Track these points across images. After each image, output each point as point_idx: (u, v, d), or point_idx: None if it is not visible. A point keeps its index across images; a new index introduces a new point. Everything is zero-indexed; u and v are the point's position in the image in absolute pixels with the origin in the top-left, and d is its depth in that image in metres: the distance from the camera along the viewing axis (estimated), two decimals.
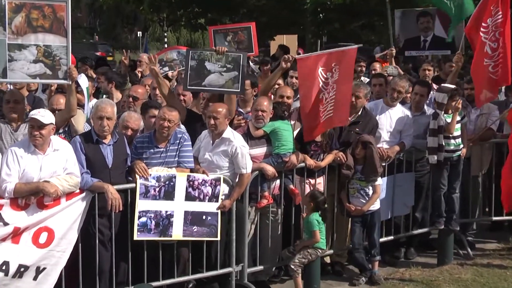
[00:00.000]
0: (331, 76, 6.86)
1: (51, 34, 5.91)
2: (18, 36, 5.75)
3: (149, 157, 6.29)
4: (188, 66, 6.84)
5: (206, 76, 6.84)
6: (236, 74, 6.86)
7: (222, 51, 6.86)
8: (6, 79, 5.58)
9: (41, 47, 5.86)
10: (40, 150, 5.59)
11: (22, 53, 5.73)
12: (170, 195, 6.20)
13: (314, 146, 7.07)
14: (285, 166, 6.80)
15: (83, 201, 5.80)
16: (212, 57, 6.86)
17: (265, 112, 6.77)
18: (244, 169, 6.49)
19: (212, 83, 6.85)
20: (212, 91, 7.03)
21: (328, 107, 6.88)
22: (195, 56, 6.87)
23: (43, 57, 5.84)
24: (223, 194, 6.47)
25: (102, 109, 6.01)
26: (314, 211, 6.75)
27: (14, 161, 5.47)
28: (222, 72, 6.85)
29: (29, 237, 5.52)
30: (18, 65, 5.69)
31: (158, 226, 6.15)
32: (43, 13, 5.87)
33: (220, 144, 6.50)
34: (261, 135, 6.82)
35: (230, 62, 6.87)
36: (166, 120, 6.24)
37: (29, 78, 5.75)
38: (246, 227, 6.75)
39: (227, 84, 6.86)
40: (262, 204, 6.78)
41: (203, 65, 6.85)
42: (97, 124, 6.04)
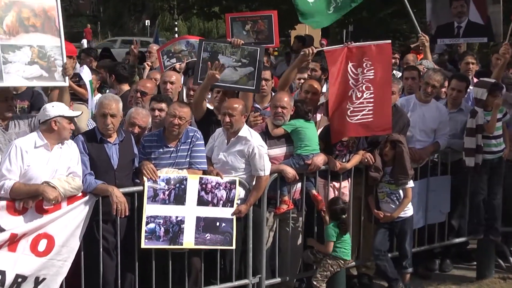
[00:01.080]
0: (362, 72, 6.82)
1: (43, 34, 5.97)
2: (11, 36, 5.79)
3: (158, 157, 6.29)
4: (200, 58, 6.82)
5: None
6: (251, 70, 6.85)
7: (237, 44, 6.84)
8: (2, 82, 5.62)
9: (35, 48, 5.91)
10: (51, 145, 5.67)
11: (16, 54, 5.77)
12: (180, 199, 6.20)
13: (339, 146, 7.04)
14: (307, 168, 6.77)
15: (86, 205, 5.82)
16: (226, 49, 6.85)
17: (285, 108, 6.74)
18: (262, 171, 6.47)
19: (225, 79, 6.84)
20: (224, 87, 7.02)
21: (365, 111, 6.83)
22: (208, 48, 6.85)
23: (38, 59, 5.90)
24: (238, 199, 6.46)
25: (106, 106, 6.02)
26: (333, 220, 6.72)
27: (17, 156, 5.51)
28: (236, 67, 6.84)
29: (27, 244, 5.54)
30: (14, 68, 5.74)
31: (167, 233, 6.15)
32: (34, 12, 5.93)
33: (236, 144, 6.48)
34: (281, 134, 6.80)
35: (246, 57, 6.85)
36: (177, 117, 6.24)
37: (26, 81, 5.79)
38: (264, 235, 6.73)
39: (242, 81, 6.85)
40: (282, 210, 6.76)
41: (216, 58, 6.84)
42: (101, 122, 6.05)
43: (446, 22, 10.75)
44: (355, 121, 6.86)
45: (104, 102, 6.08)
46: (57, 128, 5.68)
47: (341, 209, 6.76)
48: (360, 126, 6.89)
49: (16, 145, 5.55)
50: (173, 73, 8.17)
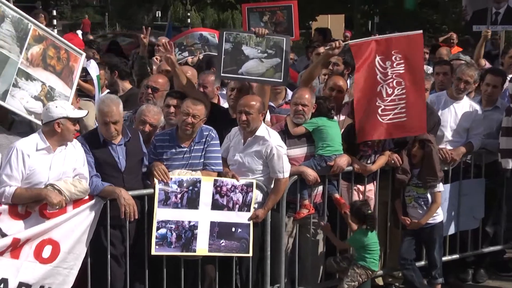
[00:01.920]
0: (391, 66, 6.78)
1: (58, 78, 6.24)
2: (30, 66, 6.00)
3: (170, 157, 6.31)
4: (222, 50, 6.81)
5: (244, 62, 6.81)
6: (278, 62, 6.82)
7: (262, 34, 6.83)
8: (4, 102, 5.78)
9: (46, 87, 6.11)
10: (53, 147, 5.68)
11: (28, 83, 5.95)
12: (194, 202, 6.21)
13: (363, 146, 7.01)
14: (330, 170, 6.76)
15: (92, 209, 5.84)
16: (250, 40, 6.82)
17: (306, 106, 6.73)
18: (280, 173, 6.47)
19: (250, 71, 6.82)
20: (250, 81, 7.00)
21: (397, 109, 6.78)
22: (231, 39, 6.83)
23: (44, 97, 6.06)
24: (256, 202, 6.46)
25: (106, 114, 5.98)
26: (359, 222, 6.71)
27: (18, 160, 5.52)
28: (262, 59, 6.82)
29: (30, 250, 5.56)
30: (20, 94, 5.89)
31: (179, 239, 6.16)
32: (58, 56, 6.28)
33: (253, 144, 6.48)
34: (302, 133, 6.79)
35: (272, 47, 6.83)
36: (190, 115, 6.24)
37: (24, 112, 5.93)
38: (283, 241, 6.72)
39: (268, 73, 6.83)
40: (302, 215, 6.75)
41: (240, 49, 6.82)
42: (103, 130, 6.04)
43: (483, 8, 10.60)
44: (387, 121, 6.80)
45: (104, 110, 5.99)
46: (61, 130, 5.66)
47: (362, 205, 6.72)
48: (393, 127, 6.83)
49: (17, 148, 5.55)
50: (189, 67, 8.18)
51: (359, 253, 6.74)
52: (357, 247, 6.76)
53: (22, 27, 5.96)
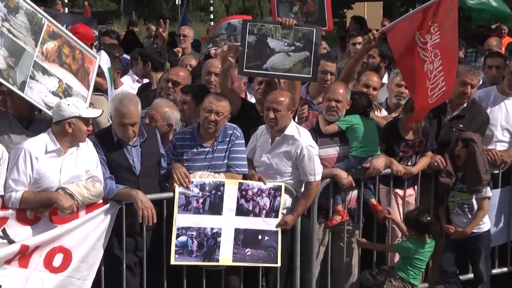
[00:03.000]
0: (430, 38, 6.71)
1: (75, 78, 6.33)
2: (46, 60, 6.09)
3: (191, 158, 6.32)
4: (246, 43, 6.80)
5: (269, 57, 6.79)
6: (307, 55, 6.80)
7: (290, 25, 6.81)
8: (23, 93, 5.86)
9: (63, 84, 6.20)
10: (64, 149, 5.70)
11: (45, 78, 6.04)
12: (217, 208, 6.22)
13: (403, 147, 6.97)
14: (366, 172, 6.73)
15: (107, 214, 5.88)
16: (276, 32, 6.81)
17: (340, 102, 6.70)
18: (312, 175, 6.45)
19: (276, 66, 6.81)
20: (276, 77, 6.99)
21: (440, 82, 6.73)
22: (255, 30, 6.83)
23: (62, 94, 6.14)
24: (284, 208, 6.45)
25: (124, 115, 5.97)
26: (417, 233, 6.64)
27: (26, 163, 5.54)
28: (289, 52, 6.80)
29: (40, 259, 5.60)
30: (38, 87, 5.97)
31: (201, 247, 6.18)
32: (74, 55, 6.42)
33: (282, 143, 6.47)
34: (335, 131, 6.77)
35: (300, 39, 6.81)
36: (213, 112, 6.24)
37: (43, 105, 6.01)
38: (314, 250, 6.72)
39: (296, 68, 6.81)
40: (335, 222, 6.73)
41: (265, 42, 6.81)
42: (119, 131, 6.04)
43: None
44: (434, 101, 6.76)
45: (122, 111, 5.98)
46: (72, 130, 5.67)
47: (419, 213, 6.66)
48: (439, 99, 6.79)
49: (25, 150, 5.57)
50: (218, 62, 8.19)
51: (403, 262, 6.69)
52: (403, 255, 6.70)
53: (36, 20, 6.04)
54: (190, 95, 6.90)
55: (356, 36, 10.68)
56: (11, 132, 5.97)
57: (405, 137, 6.97)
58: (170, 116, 6.68)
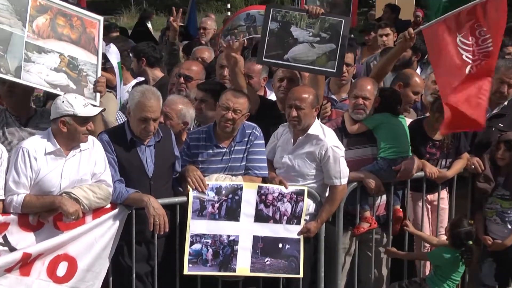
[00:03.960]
0: (476, 43, 6.65)
1: (78, 47, 6.28)
2: (39, 38, 6.07)
3: (207, 160, 6.32)
4: (267, 30, 6.79)
5: (291, 46, 6.77)
6: (333, 48, 6.76)
7: (317, 13, 6.78)
8: (20, 79, 5.87)
9: (65, 57, 6.18)
10: (64, 150, 5.68)
11: (42, 57, 6.03)
12: (234, 213, 6.22)
13: (430, 147, 6.93)
14: (396, 175, 6.70)
15: (115, 220, 5.87)
16: (302, 20, 6.79)
17: (367, 99, 6.68)
18: (337, 178, 6.43)
19: (298, 57, 6.78)
20: (297, 68, 6.97)
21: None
22: (278, 17, 6.80)
23: (66, 68, 6.13)
24: (307, 214, 6.44)
25: (148, 109, 5.96)
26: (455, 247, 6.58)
27: (25, 164, 5.55)
28: (313, 43, 6.77)
29: (43, 267, 5.61)
30: (36, 69, 5.97)
31: (217, 256, 6.18)
32: (71, 23, 6.32)
33: (305, 144, 6.45)
34: (362, 131, 6.75)
35: (327, 30, 6.77)
36: (231, 110, 6.23)
37: (47, 85, 6.00)
38: (339, 260, 6.71)
39: (320, 61, 6.77)
40: (362, 230, 6.71)
41: (288, 30, 6.78)
42: (139, 127, 6.02)
43: None
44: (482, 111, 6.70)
45: (146, 103, 5.97)
46: (67, 130, 5.63)
47: (466, 233, 6.57)
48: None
49: (23, 149, 5.57)
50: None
51: (435, 274, 6.64)
52: (437, 263, 6.65)
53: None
54: (208, 92, 6.88)
55: (384, 27, 10.65)
56: (7, 131, 5.99)
57: (432, 137, 6.94)
58: (185, 114, 6.69)
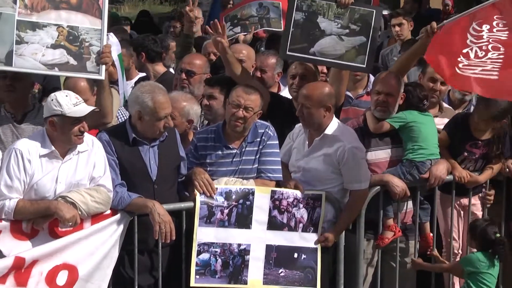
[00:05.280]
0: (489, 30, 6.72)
1: (79, 13, 6.20)
2: (33, 12, 6.05)
3: (216, 162, 6.35)
4: (292, 20, 6.79)
5: (318, 39, 6.80)
6: (363, 41, 6.79)
7: (346, 3, 6.78)
8: (11, 67, 5.87)
9: (64, 29, 6.13)
10: (60, 153, 5.69)
11: (36, 34, 6.01)
12: (245, 220, 6.24)
13: (470, 146, 6.91)
14: (424, 181, 6.70)
15: (117, 226, 5.90)
16: (330, 10, 6.79)
17: (391, 96, 6.68)
18: (358, 183, 6.45)
19: (325, 51, 6.80)
20: (323, 63, 6.99)
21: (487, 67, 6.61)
22: (304, 6, 6.80)
23: (65, 42, 6.10)
24: (325, 221, 6.44)
25: (166, 106, 6.02)
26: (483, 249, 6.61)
27: (18, 167, 5.58)
28: (342, 36, 6.79)
29: (41, 277, 5.64)
30: (30, 50, 5.97)
31: (226, 267, 6.20)
32: None
33: (322, 145, 6.47)
34: (385, 131, 6.76)
35: (357, 22, 6.78)
36: (241, 108, 6.26)
37: (43, 67, 6.01)
38: (361, 272, 6.71)
39: (348, 55, 6.79)
40: (387, 241, 6.72)
41: (315, 21, 6.80)
42: (158, 127, 6.04)
43: None
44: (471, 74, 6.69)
45: (162, 101, 6.03)
46: (56, 130, 5.65)
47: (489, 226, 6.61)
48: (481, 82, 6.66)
49: (16, 151, 5.60)
50: (244, 46, 8.23)
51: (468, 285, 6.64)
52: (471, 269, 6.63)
53: None
54: (217, 88, 6.91)
55: (397, 16, 10.64)
56: (0, 129, 6.04)
57: (477, 136, 6.94)
58: (189, 111, 6.71)
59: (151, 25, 14.34)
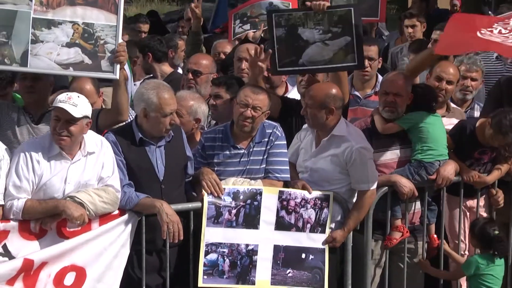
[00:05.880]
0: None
1: (94, 8, 6.16)
2: (49, 9, 6.02)
3: (223, 162, 6.35)
4: (274, 39, 6.80)
5: (303, 50, 6.78)
6: (348, 40, 6.77)
7: (321, 8, 6.77)
8: (26, 67, 5.86)
9: (80, 26, 6.10)
10: (67, 154, 5.71)
11: (51, 32, 5.99)
12: (253, 220, 6.24)
13: (478, 153, 6.90)
14: (433, 182, 6.69)
15: (125, 226, 5.91)
16: (308, 19, 6.80)
17: (400, 96, 6.67)
18: (365, 183, 6.45)
19: (313, 59, 6.78)
20: (315, 71, 6.99)
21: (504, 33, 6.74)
22: (282, 22, 6.80)
23: (80, 40, 6.08)
24: (333, 221, 6.45)
25: (171, 102, 6.02)
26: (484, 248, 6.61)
27: (27, 167, 5.60)
28: (326, 41, 6.79)
29: (49, 279, 5.64)
30: (45, 49, 5.95)
31: (234, 267, 6.20)
32: None
33: (329, 146, 6.47)
34: (394, 131, 6.75)
35: (337, 24, 6.77)
36: (250, 107, 6.26)
37: (58, 67, 5.98)
38: (368, 273, 6.71)
39: (337, 57, 6.78)
40: (395, 241, 6.72)
41: (296, 33, 6.79)
42: (164, 124, 6.04)
43: None
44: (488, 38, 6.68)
45: (168, 97, 6.04)
46: None
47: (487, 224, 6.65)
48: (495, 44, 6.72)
49: (25, 151, 5.63)
50: (252, 46, 8.21)
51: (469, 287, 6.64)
52: (472, 272, 6.64)
53: None
54: (223, 87, 6.92)
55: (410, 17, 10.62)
56: (18, 130, 6.05)
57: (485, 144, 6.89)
58: (197, 110, 6.72)
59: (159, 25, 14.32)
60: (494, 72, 8.66)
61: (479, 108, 7.78)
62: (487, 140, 6.82)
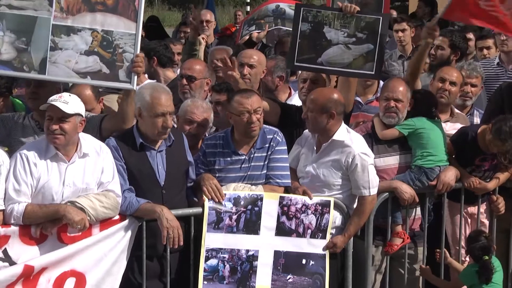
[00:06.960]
0: None
1: (114, 15, 6.16)
2: (69, 15, 6.01)
3: (224, 168, 6.36)
4: (298, 32, 6.82)
5: (325, 49, 6.82)
6: (370, 48, 6.80)
7: (352, 12, 6.81)
8: (45, 75, 5.84)
9: (99, 33, 6.09)
10: (64, 155, 5.73)
11: (71, 39, 5.99)
12: (253, 226, 6.24)
13: (479, 161, 6.90)
14: (434, 188, 6.69)
15: (125, 232, 5.91)
16: (335, 20, 6.81)
17: (400, 102, 6.69)
18: (366, 189, 6.44)
19: (332, 60, 6.82)
20: (332, 72, 7.01)
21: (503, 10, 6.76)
22: (309, 17, 6.83)
23: (99, 48, 6.07)
24: (333, 227, 6.45)
25: (164, 103, 6.00)
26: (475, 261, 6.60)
27: (25, 171, 5.61)
28: (349, 44, 6.81)
29: (48, 285, 5.64)
30: (63, 57, 5.94)
31: (234, 273, 6.20)
32: None
33: (330, 151, 6.47)
34: (394, 137, 6.76)
35: (363, 30, 6.79)
36: (252, 112, 6.22)
37: (76, 76, 5.99)
38: (369, 279, 6.71)
39: (356, 63, 6.81)
40: (395, 247, 6.72)
41: (321, 31, 6.82)
42: (156, 125, 6.03)
43: None
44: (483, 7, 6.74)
45: (161, 98, 6.04)
46: None
47: (481, 248, 6.59)
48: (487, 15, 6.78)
49: (21, 155, 5.64)
50: (255, 52, 8.23)
51: None
52: (471, 283, 6.64)
53: None
54: (225, 94, 6.93)
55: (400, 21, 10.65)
56: (22, 136, 6.06)
57: (486, 151, 6.88)
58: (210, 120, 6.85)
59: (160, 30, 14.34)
60: (495, 77, 8.68)
61: (479, 114, 7.79)
62: (487, 147, 6.82)
